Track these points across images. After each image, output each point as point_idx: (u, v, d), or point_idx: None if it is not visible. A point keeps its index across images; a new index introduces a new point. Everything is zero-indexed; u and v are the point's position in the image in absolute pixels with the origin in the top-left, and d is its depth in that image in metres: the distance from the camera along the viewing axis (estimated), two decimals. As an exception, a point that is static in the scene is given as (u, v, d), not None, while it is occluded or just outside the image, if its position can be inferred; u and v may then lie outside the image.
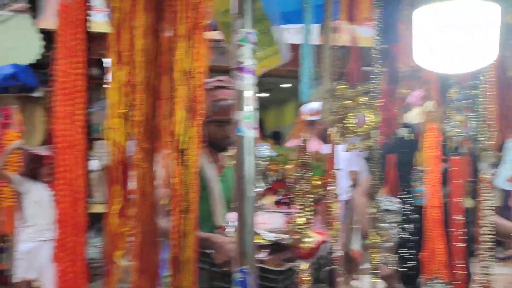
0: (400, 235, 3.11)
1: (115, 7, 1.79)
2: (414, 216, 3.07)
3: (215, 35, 2.77)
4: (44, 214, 5.05)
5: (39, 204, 5.05)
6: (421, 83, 2.79)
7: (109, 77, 1.83)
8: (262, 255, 2.41)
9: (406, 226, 3.14)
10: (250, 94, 1.91)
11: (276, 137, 10.44)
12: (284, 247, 2.42)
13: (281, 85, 10.36)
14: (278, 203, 2.52)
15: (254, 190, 1.91)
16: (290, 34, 3.08)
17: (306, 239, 2.26)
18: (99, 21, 2.10)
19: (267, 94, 11.33)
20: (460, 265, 2.50)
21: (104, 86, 7.89)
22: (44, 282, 4.98)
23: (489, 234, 2.25)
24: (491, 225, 2.24)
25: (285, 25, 3.00)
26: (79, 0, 1.88)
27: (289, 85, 10.08)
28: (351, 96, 2.16)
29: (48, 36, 6.70)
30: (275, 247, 2.45)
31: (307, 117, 4.71)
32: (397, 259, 3.07)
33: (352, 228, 3.85)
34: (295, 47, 2.81)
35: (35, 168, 5.13)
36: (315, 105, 4.14)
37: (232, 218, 2.52)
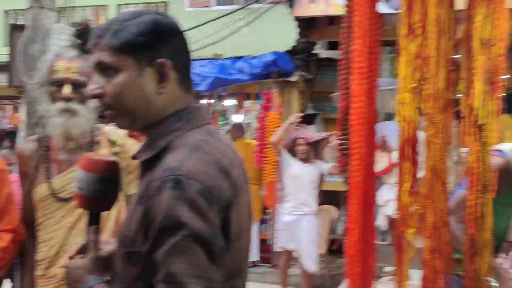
0: None
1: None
2: None
3: None
4: (303, 190, 5.39)
5: (297, 180, 5.39)
6: None
7: (398, 51, 1.80)
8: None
9: None
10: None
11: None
12: None
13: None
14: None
15: None
16: None
17: None
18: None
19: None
20: None
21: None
22: (302, 254, 5.33)
23: None
24: None
25: None
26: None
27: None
28: None
29: (302, 23, 7.09)
30: None
31: None
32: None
33: None
34: None
35: (296, 148, 5.47)
36: None
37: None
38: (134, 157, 1.23)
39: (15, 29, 4.25)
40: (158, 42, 1.17)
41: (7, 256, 2.03)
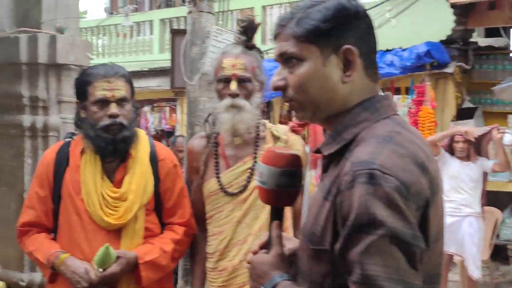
0: None
1: None
2: None
3: None
4: (463, 190, 4.99)
5: (457, 179, 5.00)
6: None
7: None
8: None
9: None
10: None
11: None
12: None
13: None
14: None
15: None
16: None
17: None
18: None
19: None
20: None
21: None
22: (464, 257, 4.93)
23: None
24: None
25: None
26: None
27: None
28: None
29: (458, 10, 6.59)
30: None
31: None
32: None
33: None
34: None
35: (454, 145, 5.08)
36: None
37: None
38: (317, 151, 1.17)
39: (175, 34, 4.50)
40: (343, 28, 1.10)
41: (180, 248, 2.11)
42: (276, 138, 2.16)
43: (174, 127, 10.37)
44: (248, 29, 2.12)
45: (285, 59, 1.13)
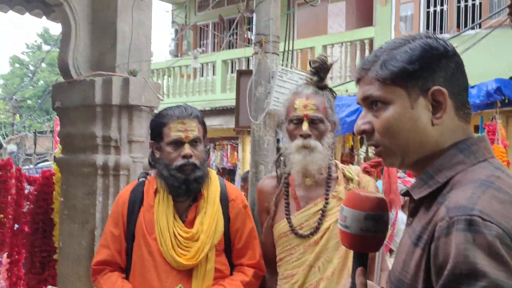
0: None
1: None
2: None
3: None
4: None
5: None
6: None
7: None
8: None
9: None
10: None
11: None
12: None
13: None
14: None
15: None
16: None
17: None
18: None
19: None
20: None
21: None
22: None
23: None
24: None
25: None
26: None
27: None
28: None
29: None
30: None
31: None
32: None
33: None
34: None
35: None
36: None
37: None
38: (405, 194, 1.12)
39: (241, 74, 4.58)
40: (431, 68, 1.06)
41: None
42: (348, 179, 2.11)
43: (235, 165, 10.46)
44: (320, 70, 2.11)
45: (370, 102, 1.10)
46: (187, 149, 1.98)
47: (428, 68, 1.06)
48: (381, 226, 1.14)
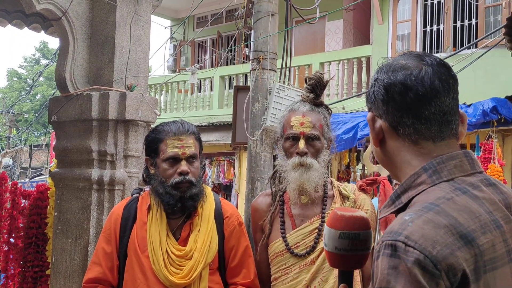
0: None
1: None
2: None
3: None
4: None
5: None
6: None
7: None
8: None
9: None
10: None
11: None
12: None
13: None
14: None
15: None
16: None
17: None
18: None
19: None
20: None
21: None
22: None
23: None
24: None
25: None
26: None
27: None
28: None
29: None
30: None
31: None
32: None
33: None
34: None
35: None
36: None
37: None
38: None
39: (239, 90, 4.59)
40: (386, 102, 1.08)
41: None
42: (344, 197, 2.09)
43: (231, 180, 10.42)
44: (316, 86, 2.11)
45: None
46: (183, 166, 1.96)
47: (384, 102, 1.11)
48: (357, 245, 1.13)
